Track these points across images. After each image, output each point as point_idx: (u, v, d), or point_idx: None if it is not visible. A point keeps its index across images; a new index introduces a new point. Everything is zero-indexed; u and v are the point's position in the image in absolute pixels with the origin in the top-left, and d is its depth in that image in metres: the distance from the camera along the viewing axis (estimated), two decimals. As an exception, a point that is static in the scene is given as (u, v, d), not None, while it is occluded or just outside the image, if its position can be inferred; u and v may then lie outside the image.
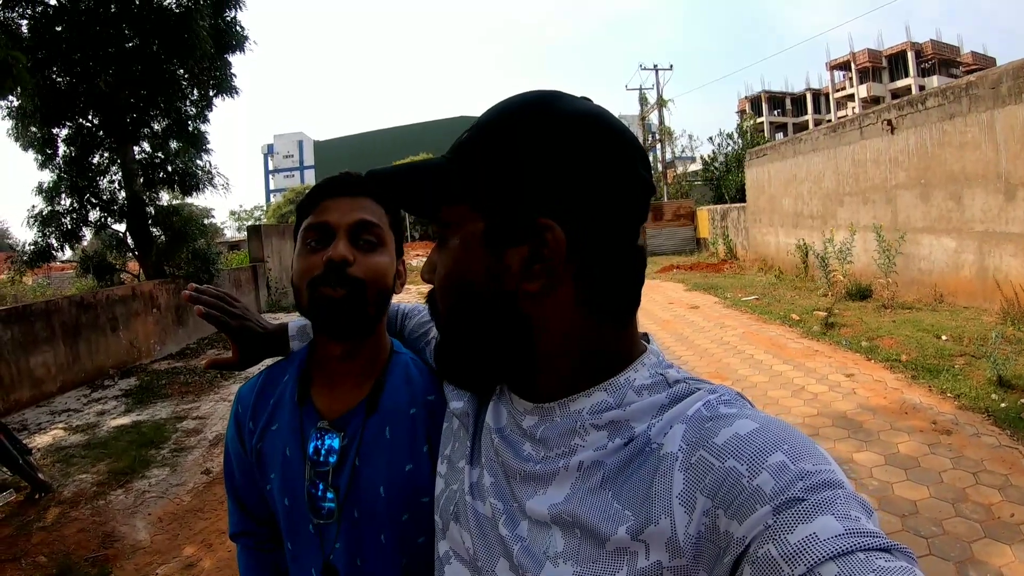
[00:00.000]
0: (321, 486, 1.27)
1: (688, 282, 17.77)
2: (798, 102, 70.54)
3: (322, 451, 1.27)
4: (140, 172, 12.95)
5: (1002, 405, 6.16)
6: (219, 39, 12.83)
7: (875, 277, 12.41)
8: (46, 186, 12.25)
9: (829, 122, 16.55)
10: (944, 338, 8.77)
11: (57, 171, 12.44)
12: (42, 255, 12.24)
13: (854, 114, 16.33)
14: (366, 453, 1.27)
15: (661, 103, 37.01)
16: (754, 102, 69.61)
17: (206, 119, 13.94)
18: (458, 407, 1.00)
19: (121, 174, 12.73)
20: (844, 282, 13.11)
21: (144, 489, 5.78)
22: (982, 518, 4.27)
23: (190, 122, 13.62)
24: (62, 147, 12.51)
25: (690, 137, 51.20)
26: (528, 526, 0.77)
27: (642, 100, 38.36)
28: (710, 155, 36.64)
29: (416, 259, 34.70)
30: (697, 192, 35.10)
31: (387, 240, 1.29)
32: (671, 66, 37.84)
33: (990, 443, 5.45)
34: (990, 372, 6.83)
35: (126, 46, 11.91)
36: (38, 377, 8.91)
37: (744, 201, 22.26)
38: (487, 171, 0.77)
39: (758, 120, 51.12)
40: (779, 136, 50.51)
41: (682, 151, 40.44)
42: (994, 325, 8.98)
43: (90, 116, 12.28)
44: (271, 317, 15.61)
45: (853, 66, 59.90)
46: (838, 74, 63.51)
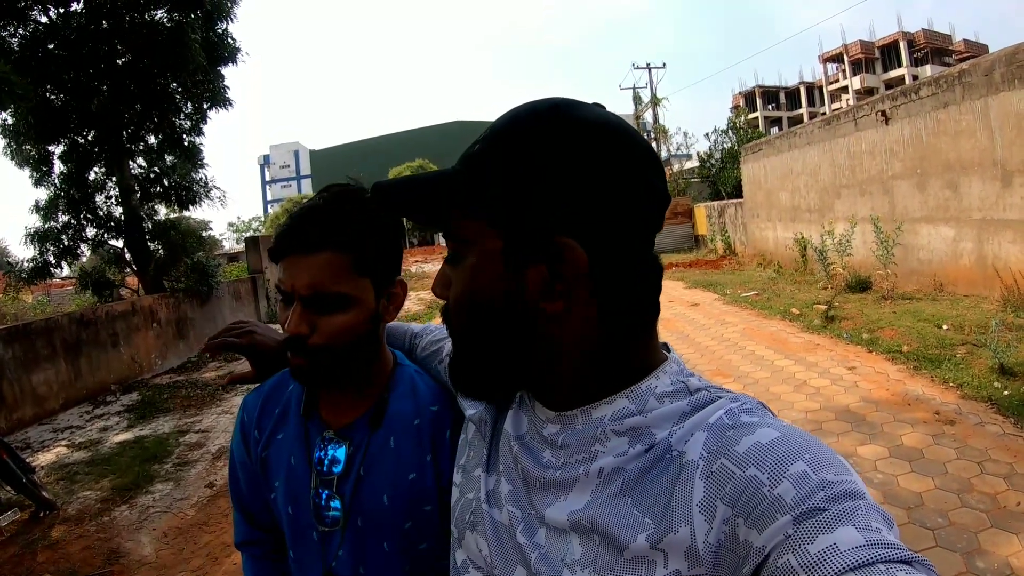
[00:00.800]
0: (326, 494, 1.28)
1: (687, 279, 17.75)
2: (792, 96, 70.70)
3: (326, 460, 1.28)
4: (136, 187, 12.96)
5: (1005, 393, 6.16)
6: (211, 52, 12.85)
7: (874, 268, 12.41)
8: (42, 203, 12.25)
9: (823, 115, 16.54)
10: (945, 327, 8.77)
11: (53, 188, 12.43)
12: (40, 272, 12.23)
13: (848, 106, 16.35)
14: (371, 463, 1.28)
15: (655, 101, 37.04)
16: (748, 97, 69.77)
17: (201, 132, 13.95)
18: (474, 414, 1.00)
19: (117, 190, 12.73)
20: (843, 275, 13.12)
21: (148, 504, 5.78)
22: (988, 508, 4.26)
23: (185, 136, 13.60)
24: (58, 164, 12.50)
25: (685, 135, 51.02)
26: (546, 534, 0.77)
27: (636, 99, 38.40)
28: (706, 152, 36.67)
29: (415, 265, 34.74)
30: (694, 189, 35.07)
31: (353, 293, 1.19)
32: (664, 64, 37.94)
33: (994, 432, 5.45)
34: (992, 360, 6.82)
35: (118, 62, 11.93)
36: (40, 395, 8.91)
37: (741, 197, 22.29)
38: (505, 187, 0.75)
39: (752, 115, 51.20)
40: (774, 130, 50.50)
41: (677, 149, 40.43)
42: (995, 313, 8.99)
43: (85, 133, 12.28)
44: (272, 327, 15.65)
45: (846, 58, 60.02)
46: (831, 66, 63.64)
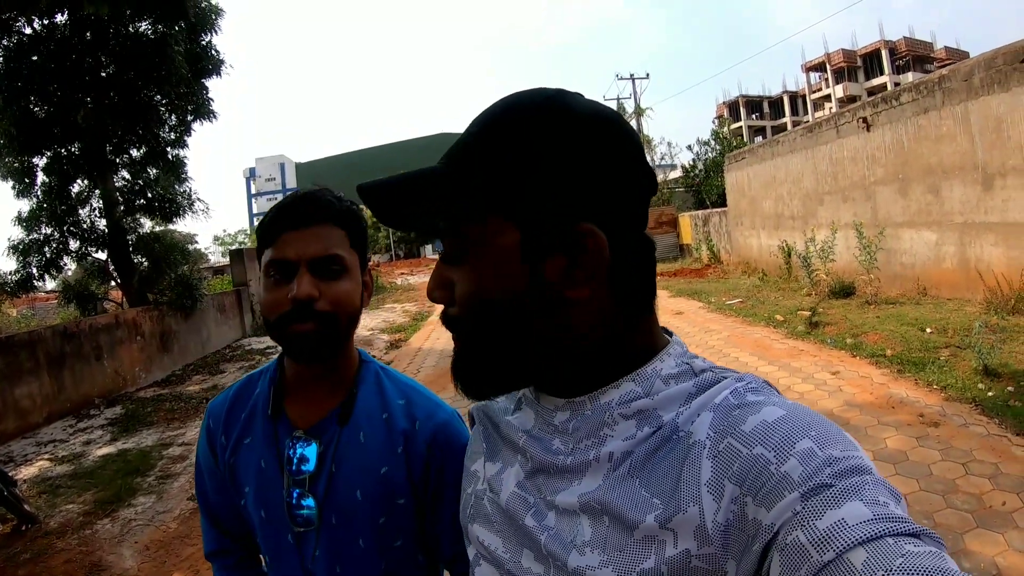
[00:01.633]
0: (296, 494, 1.27)
1: (672, 288, 17.79)
2: (775, 105, 71.25)
3: (295, 459, 1.28)
4: (120, 200, 12.89)
5: (989, 394, 6.20)
6: (195, 64, 12.84)
7: (858, 274, 12.49)
8: (25, 215, 12.15)
9: (806, 123, 16.67)
10: (928, 331, 8.82)
11: (36, 200, 12.33)
12: (23, 285, 12.13)
13: (830, 114, 16.47)
14: (342, 458, 1.29)
15: (639, 112, 37.21)
16: (732, 107, 70.27)
17: (185, 144, 13.91)
18: (473, 409, 1.01)
19: (101, 202, 12.67)
20: (827, 280, 13.18)
21: (131, 517, 5.74)
22: (974, 508, 4.28)
23: (169, 148, 13.57)
24: (41, 176, 12.41)
25: (669, 145, 51.47)
26: (555, 516, 0.77)
27: (619, 109, 38.52)
28: (690, 162, 36.84)
29: (400, 277, 34.68)
30: (678, 199, 35.20)
31: (350, 264, 1.28)
32: (647, 75, 38.06)
33: (979, 433, 5.47)
34: (975, 362, 6.87)
35: (103, 74, 11.89)
36: (23, 408, 8.83)
37: (725, 206, 22.39)
38: (517, 177, 0.74)
39: (736, 124, 51.51)
40: (758, 139, 50.77)
41: (662, 159, 40.63)
42: (978, 315, 9.04)
43: (68, 145, 12.21)
44: (256, 341, 15.58)
45: (828, 67, 60.57)
46: (814, 75, 64.20)
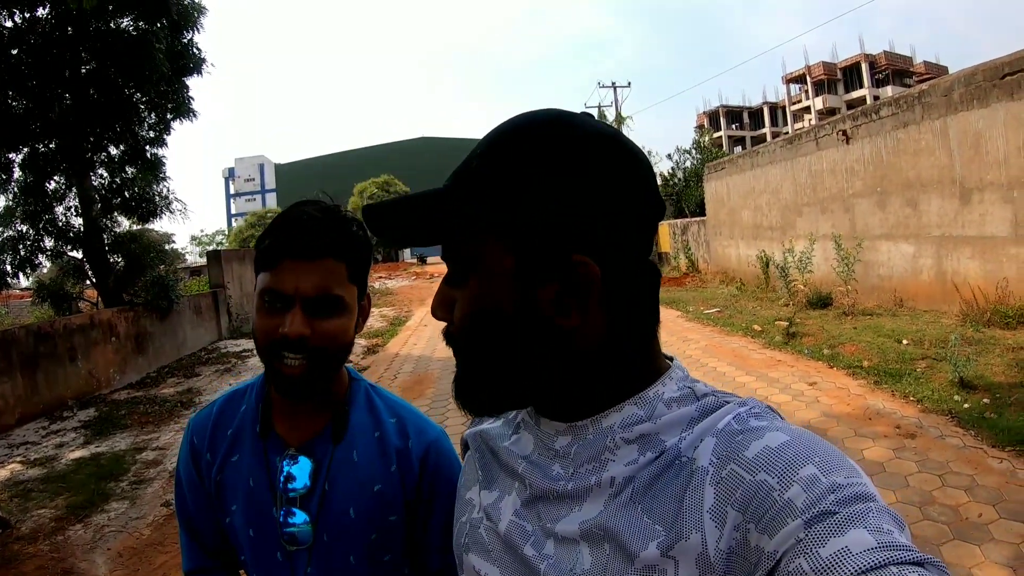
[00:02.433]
0: (283, 513, 1.26)
1: (651, 296, 17.73)
2: (755, 116, 71.81)
3: (281, 477, 1.27)
4: (97, 198, 12.73)
5: (965, 406, 6.27)
6: (176, 61, 12.69)
7: (835, 285, 12.61)
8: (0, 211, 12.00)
9: (786, 134, 16.79)
10: (905, 342, 8.92)
11: (12, 197, 12.16)
12: (-4, 282, 11.96)
13: (810, 126, 16.59)
14: (335, 477, 1.28)
15: (620, 120, 37.34)
16: (712, 117, 70.75)
17: (164, 143, 13.75)
18: (469, 433, 1.01)
19: (78, 200, 12.50)
20: (805, 291, 13.31)
21: (103, 523, 5.65)
22: (950, 520, 4.33)
23: (148, 147, 13.42)
24: (17, 172, 12.21)
25: (649, 153, 51.70)
26: (554, 545, 0.76)
27: (600, 118, 38.55)
28: (669, 171, 37.02)
29: (379, 281, 34.59)
30: (658, 207, 35.33)
31: (347, 301, 1.26)
32: (629, 83, 38.32)
33: (955, 444, 5.53)
34: (952, 374, 6.95)
35: (83, 70, 11.76)
36: (-6, 410, 8.67)
37: (704, 215, 22.51)
38: (514, 202, 0.73)
39: (716, 134, 51.89)
40: (737, 150, 51.21)
41: (642, 167, 40.79)
42: (954, 327, 9.17)
43: (46, 141, 12.04)
44: (232, 343, 15.46)
45: (809, 79, 61.06)
46: (794, 87, 64.73)
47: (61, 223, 12.48)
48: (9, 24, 11.07)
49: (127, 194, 13.08)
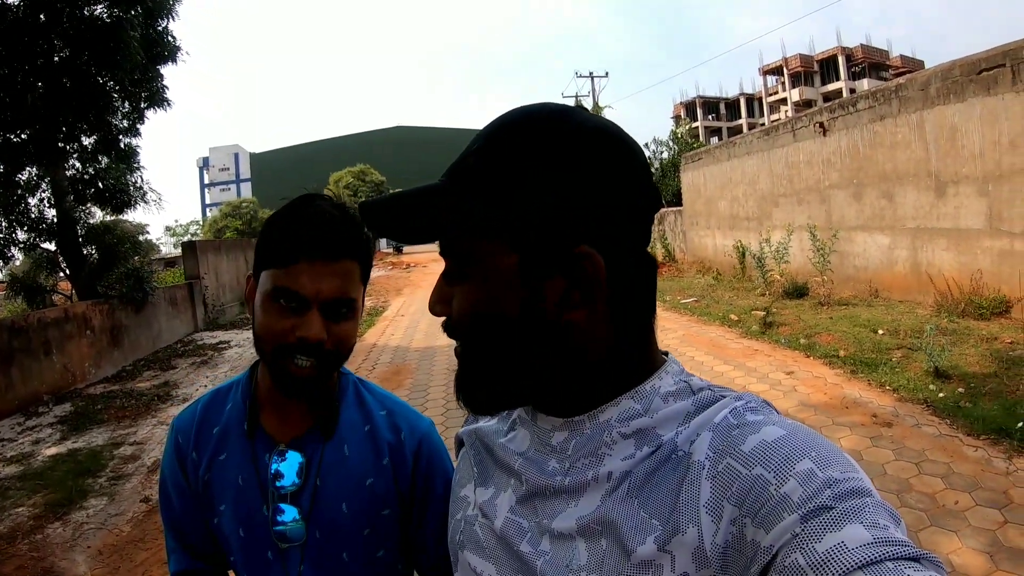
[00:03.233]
0: (273, 510, 1.25)
1: (629, 286, 17.78)
2: (732, 107, 72.17)
3: (269, 474, 1.26)
4: (70, 189, 12.56)
5: (940, 395, 6.36)
6: (150, 49, 12.48)
7: (811, 275, 12.72)
8: (-31, 203, 11.77)
9: (763, 126, 16.88)
10: (881, 332, 9.01)
11: (-18, 188, 11.95)
12: (-33, 276, 11.78)
13: (787, 117, 16.68)
14: (327, 472, 1.28)
15: (597, 110, 37.29)
16: (689, 107, 71.01)
17: (137, 133, 13.55)
18: (464, 431, 1.01)
19: (51, 191, 12.31)
20: (781, 281, 13.40)
21: (82, 521, 5.58)
22: (927, 507, 4.40)
23: (121, 136, 13.22)
24: (-13, 162, 12.02)
25: (628, 144, 51.70)
26: (550, 541, 0.76)
27: (578, 107, 38.60)
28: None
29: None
30: (635, 197, 35.40)
31: (359, 300, 1.25)
32: (607, 73, 38.32)
33: (931, 433, 5.61)
34: (927, 364, 7.04)
35: (55, 58, 11.57)
36: (-33, 406, 8.54)
37: (681, 205, 22.56)
38: (514, 198, 0.72)
39: (693, 125, 51.98)
40: (714, 140, 51.40)
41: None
42: (929, 318, 9.30)
43: (18, 131, 11.83)
44: (209, 335, 15.35)
45: (786, 71, 61.46)
46: (771, 79, 65.16)
47: (34, 214, 12.27)
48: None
49: (101, 184, 12.85)
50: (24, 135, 11.87)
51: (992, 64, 8.90)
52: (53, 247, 12.56)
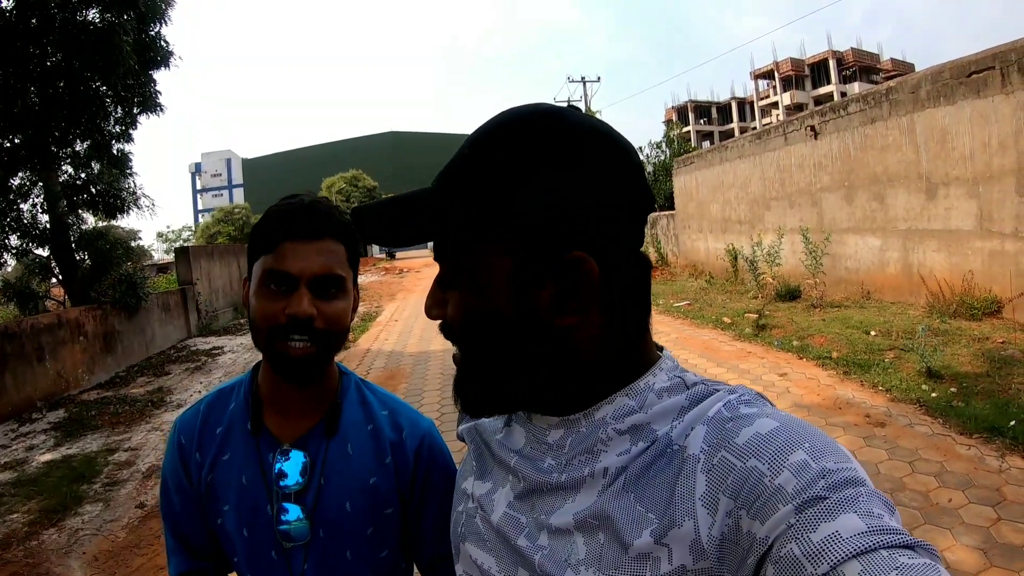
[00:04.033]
0: (278, 509, 1.25)
1: (622, 290, 17.80)
2: (724, 111, 72.25)
3: (273, 473, 1.26)
4: (63, 194, 12.51)
5: (933, 395, 6.39)
6: (143, 54, 12.40)
7: (803, 278, 12.78)
8: (-39, 210, 11.70)
9: (754, 129, 16.93)
10: (873, 333, 9.06)
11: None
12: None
13: (778, 121, 16.74)
14: (331, 471, 1.28)
15: (590, 114, 37.34)
16: (681, 111, 71.05)
17: (130, 138, 13.42)
18: (463, 429, 1.02)
19: (43, 197, 12.25)
20: (773, 284, 13.45)
21: (77, 527, 5.55)
22: (921, 505, 4.42)
23: (114, 141, 13.14)
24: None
25: (619, 147, 51.70)
26: (548, 536, 0.76)
27: (571, 108, 38.60)
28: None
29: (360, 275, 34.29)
30: (627, 201, 35.45)
31: (347, 283, 1.26)
32: (599, 78, 38.35)
33: (924, 432, 5.64)
34: (919, 364, 7.08)
35: (48, 63, 11.53)
36: (-40, 412, 8.50)
37: (673, 209, 22.61)
38: (507, 203, 0.73)
39: (685, 129, 52.11)
40: (706, 144, 51.46)
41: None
42: (920, 318, 9.35)
43: (10, 136, 11.78)
44: (202, 341, 15.31)
45: (777, 75, 61.51)
46: (762, 83, 65.20)
47: (27, 220, 12.20)
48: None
49: (94, 189, 12.78)
50: (16, 140, 11.80)
51: (982, 67, 8.97)
52: (46, 253, 12.48)
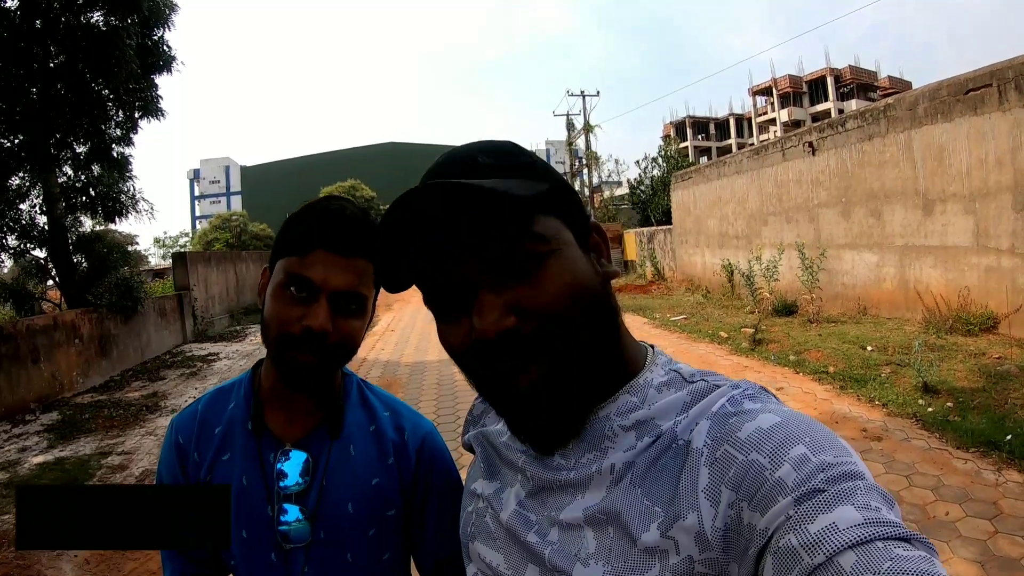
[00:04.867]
0: (278, 510, 1.24)
1: (618, 303, 17.84)
2: (721, 127, 72.38)
3: (273, 473, 1.24)
4: (62, 196, 12.50)
5: (929, 410, 6.40)
6: (145, 59, 12.47)
7: (800, 293, 12.80)
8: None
9: (752, 145, 17.00)
10: (869, 348, 9.06)
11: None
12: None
13: (776, 137, 16.82)
14: (333, 472, 1.26)
15: (588, 129, 37.39)
16: (679, 127, 71.14)
17: (131, 142, 13.47)
18: (468, 436, 1.04)
19: (42, 198, 12.24)
20: (770, 299, 13.47)
21: (71, 527, 5.53)
22: (918, 518, 4.43)
23: (114, 145, 13.16)
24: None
25: (616, 162, 52.23)
26: (558, 531, 0.77)
27: (569, 126, 38.73)
28: (636, 179, 37.22)
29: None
30: (624, 215, 35.70)
31: (368, 302, 1.24)
32: (598, 92, 38.31)
33: (920, 446, 5.65)
34: (915, 379, 7.10)
35: (51, 64, 11.53)
36: (-47, 413, 8.45)
37: (670, 223, 22.68)
38: (564, 186, 0.81)
39: (683, 144, 52.25)
40: (703, 160, 51.62)
41: (608, 175, 41.10)
42: (917, 334, 9.37)
43: (11, 136, 11.76)
44: (198, 347, 15.26)
45: (775, 91, 61.68)
46: (760, 99, 65.34)
47: (25, 221, 12.20)
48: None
49: (93, 192, 12.79)
50: (16, 140, 11.80)
51: (979, 84, 9.04)
52: (43, 254, 12.47)
